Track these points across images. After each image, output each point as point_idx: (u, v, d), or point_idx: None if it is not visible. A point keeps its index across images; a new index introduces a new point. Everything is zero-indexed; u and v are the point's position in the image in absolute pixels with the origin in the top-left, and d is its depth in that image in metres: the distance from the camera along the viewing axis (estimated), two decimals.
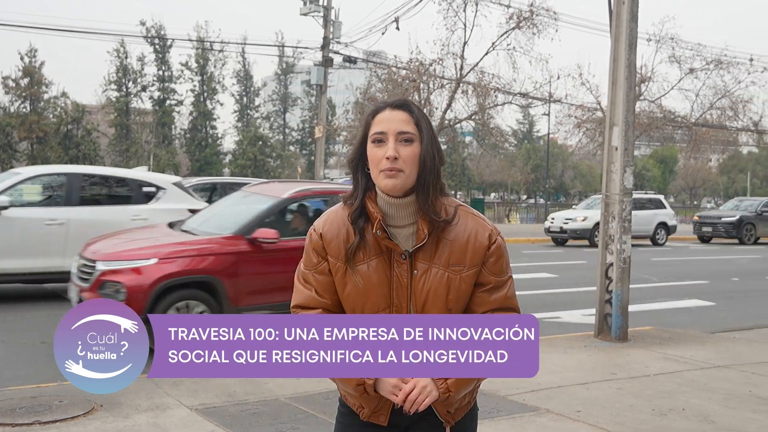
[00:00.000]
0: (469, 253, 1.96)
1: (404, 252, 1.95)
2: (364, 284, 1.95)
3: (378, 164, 1.93)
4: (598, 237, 20.69)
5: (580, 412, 5.08)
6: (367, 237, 1.97)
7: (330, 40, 24.41)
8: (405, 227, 1.98)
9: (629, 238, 7.66)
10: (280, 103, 68.91)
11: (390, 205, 1.97)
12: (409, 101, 2.01)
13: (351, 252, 1.96)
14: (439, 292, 1.93)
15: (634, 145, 8.02)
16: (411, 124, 1.94)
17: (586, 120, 29.42)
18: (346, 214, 2.00)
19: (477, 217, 2.03)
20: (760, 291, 12.93)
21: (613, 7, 7.81)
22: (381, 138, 1.93)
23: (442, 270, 1.94)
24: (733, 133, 35.40)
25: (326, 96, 24.92)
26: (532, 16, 23.65)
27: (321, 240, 2.01)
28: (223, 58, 62.12)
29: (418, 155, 1.93)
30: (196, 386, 5.49)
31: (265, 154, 59.05)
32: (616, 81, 7.70)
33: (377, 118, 1.97)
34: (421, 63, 24.11)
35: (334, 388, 5.75)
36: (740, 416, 5.08)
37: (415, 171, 1.93)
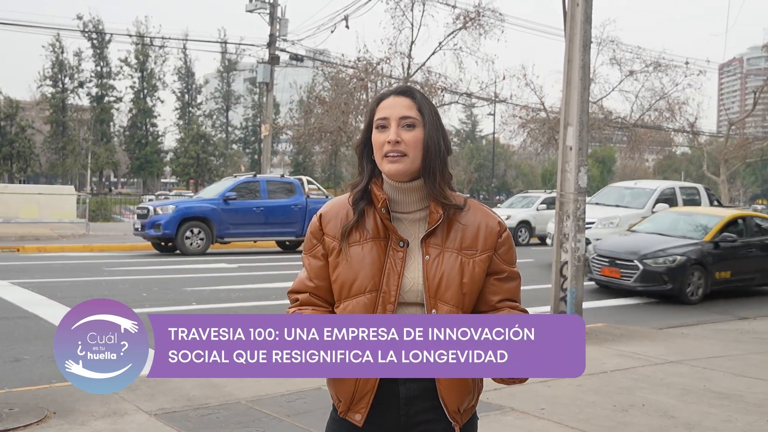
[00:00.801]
0: (481, 237, 1.95)
1: (403, 239, 1.93)
2: (354, 265, 1.92)
3: (381, 149, 1.93)
4: (521, 236, 20.86)
5: (544, 410, 5.11)
6: (366, 219, 1.96)
7: (276, 38, 24.16)
8: (411, 213, 1.97)
9: (584, 237, 7.77)
10: (223, 101, 68.10)
11: (396, 189, 1.96)
12: (412, 88, 2.02)
13: (346, 230, 1.95)
14: (453, 275, 1.90)
15: (588, 144, 8.14)
16: (414, 110, 1.95)
17: (531, 120, 29.85)
18: (348, 197, 2.01)
19: (485, 207, 2.04)
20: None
21: (568, 9, 7.90)
22: (384, 124, 1.94)
23: (455, 253, 1.92)
24: (670, 134, 36.48)
25: (273, 94, 24.64)
26: (478, 17, 23.88)
27: (319, 221, 2.01)
28: (164, 54, 61.08)
29: (421, 140, 1.93)
30: (153, 390, 5.33)
31: (208, 153, 58.24)
32: (570, 82, 7.79)
33: (381, 105, 1.97)
34: (368, 62, 24.08)
35: (296, 389, 5.67)
36: (698, 411, 5.19)
37: (419, 156, 1.93)
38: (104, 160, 57.17)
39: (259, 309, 9.35)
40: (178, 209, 16.31)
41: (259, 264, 15.01)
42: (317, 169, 70.13)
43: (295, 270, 13.80)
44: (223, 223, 16.51)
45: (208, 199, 16.92)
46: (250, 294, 10.59)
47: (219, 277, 12.55)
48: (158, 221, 16.06)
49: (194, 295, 10.32)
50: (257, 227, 17.04)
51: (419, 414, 1.93)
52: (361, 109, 25.05)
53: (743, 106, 75.64)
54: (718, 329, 9.07)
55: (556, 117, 28.91)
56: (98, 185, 60.68)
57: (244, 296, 10.36)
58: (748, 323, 9.59)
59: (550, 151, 33.20)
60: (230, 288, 11.11)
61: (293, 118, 39.68)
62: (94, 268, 13.35)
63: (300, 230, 17.41)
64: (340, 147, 31.61)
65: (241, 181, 17.44)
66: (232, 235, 16.79)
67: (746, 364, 6.87)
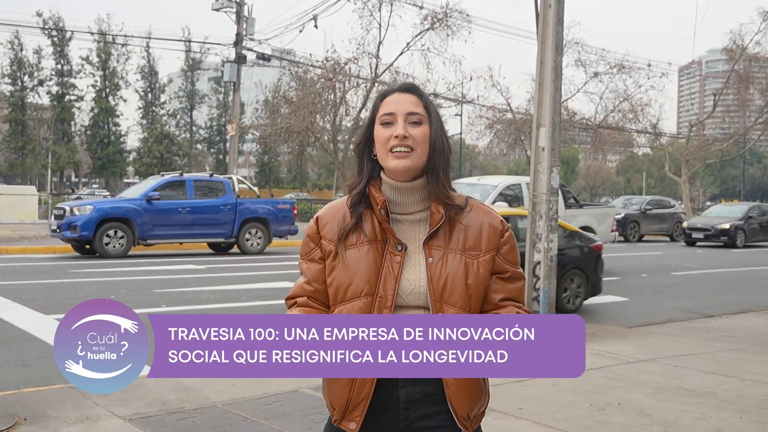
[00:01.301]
0: (484, 237, 1.92)
1: (401, 243, 1.89)
2: (350, 268, 1.88)
3: (386, 143, 1.89)
4: None
5: (522, 410, 5.12)
6: (364, 223, 1.92)
7: (243, 37, 23.96)
8: (412, 214, 1.93)
9: (556, 237, 7.83)
10: (187, 100, 67.34)
11: (396, 190, 1.92)
12: (417, 85, 1.98)
13: (344, 233, 1.91)
14: (458, 278, 1.87)
15: (560, 144, 8.20)
16: (420, 107, 1.91)
17: (497, 121, 30.06)
18: (347, 200, 1.97)
19: (486, 207, 2.01)
20: (668, 286, 13.53)
21: (540, 10, 7.95)
22: (390, 120, 1.90)
23: (459, 255, 1.89)
24: (632, 135, 37.05)
25: (240, 93, 24.43)
26: (446, 18, 23.96)
27: (316, 224, 1.97)
28: (127, 52, 60.20)
29: (429, 136, 1.90)
30: (127, 395, 5.23)
31: (172, 153, 57.57)
32: (542, 83, 7.85)
33: (386, 100, 1.93)
34: (336, 62, 24.01)
35: (273, 392, 5.61)
36: (673, 409, 5.26)
37: (426, 152, 1.90)
38: (65, 160, 56.17)
39: (231, 310, 9.25)
40: (96, 210, 15.55)
41: (228, 265, 14.87)
42: (283, 170, 69.82)
43: (264, 272, 13.69)
44: (145, 224, 15.81)
45: (130, 199, 16.21)
46: (220, 296, 10.48)
47: (188, 279, 12.39)
48: (75, 222, 15.26)
49: (163, 297, 10.17)
50: (183, 228, 16.34)
51: (421, 419, 1.88)
52: (329, 110, 24.99)
53: (702, 108, 77.14)
54: (685, 327, 9.20)
55: (523, 118, 29.17)
56: (59, 185, 59.59)
57: (214, 298, 10.24)
58: (714, 321, 9.75)
59: (516, 151, 33.48)
60: (200, 290, 10.98)
61: (259, 117, 39.41)
62: (58, 270, 13.09)
63: (230, 232, 16.87)
64: (307, 147, 31.47)
65: (166, 180, 16.73)
66: (155, 236, 16.08)
67: (716, 361, 6.98)
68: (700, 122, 38.87)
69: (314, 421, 4.77)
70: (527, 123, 28.84)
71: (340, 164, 25.57)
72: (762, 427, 4.89)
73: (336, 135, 26.29)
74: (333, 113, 24.80)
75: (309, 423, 4.75)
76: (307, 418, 4.86)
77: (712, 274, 15.93)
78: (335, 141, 26.10)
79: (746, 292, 13.12)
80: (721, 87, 36.63)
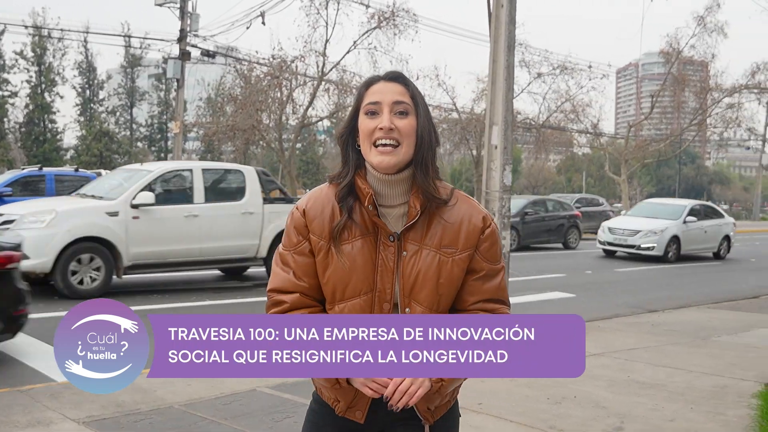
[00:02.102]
0: (463, 235, 1.88)
1: (393, 233, 1.85)
2: (346, 266, 1.84)
3: (370, 136, 1.82)
4: None
5: (482, 404, 5.17)
6: (355, 216, 1.86)
7: (187, 33, 23.56)
8: (395, 207, 1.88)
9: (509, 234, 7.93)
10: (127, 97, 65.88)
11: (381, 182, 1.87)
12: (403, 74, 1.93)
13: (337, 231, 1.84)
14: (429, 275, 1.84)
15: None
16: (407, 96, 1.85)
17: (443, 120, 30.29)
18: (333, 193, 1.89)
19: (471, 200, 1.97)
20: (613, 282, 13.86)
21: (492, 10, 8.04)
22: (375, 109, 1.83)
23: (433, 252, 1.85)
24: (573, 135, 37.81)
25: (184, 90, 24.02)
26: (392, 17, 24.02)
27: (304, 217, 1.89)
28: (63, 47, 58.54)
29: (415, 128, 1.84)
30: (78, 398, 5.08)
31: (112, 150, 56.29)
32: (495, 81, 7.94)
33: (371, 89, 1.86)
34: (283, 60, 23.83)
35: (230, 392, 5.53)
36: (627, 401, 5.39)
37: (412, 146, 1.84)
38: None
39: (181, 310, 9.08)
40: None
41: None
42: None
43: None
44: None
45: None
46: (164, 297, 10.28)
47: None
48: None
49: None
50: None
51: (409, 411, 1.90)
52: (275, 108, 24.78)
53: (638, 109, 79.12)
54: (631, 322, 9.43)
55: (468, 117, 29.46)
56: None
57: (162, 299, 10.04)
58: (658, 316, 10.02)
59: (462, 150, 33.77)
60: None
61: (202, 116, 38.79)
62: None
63: None
64: (252, 146, 31.15)
65: (22, 175, 15.19)
66: None
67: (663, 355, 7.18)
68: (638, 123, 39.93)
69: (275, 420, 4.72)
70: (472, 122, 29.18)
71: (286, 163, 25.39)
72: (712, 416, 5.05)
73: (282, 133, 26.09)
74: (279, 111, 24.60)
75: (270, 422, 4.71)
76: (267, 417, 4.81)
77: (654, 270, 16.37)
78: (281, 139, 25.90)
79: (687, 286, 13.54)
80: (659, 89, 37.67)
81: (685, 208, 19.30)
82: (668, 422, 4.92)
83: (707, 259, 19.87)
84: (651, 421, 4.93)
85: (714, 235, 19.77)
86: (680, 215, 18.84)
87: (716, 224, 19.94)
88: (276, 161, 45.43)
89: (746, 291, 13.08)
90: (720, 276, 16.00)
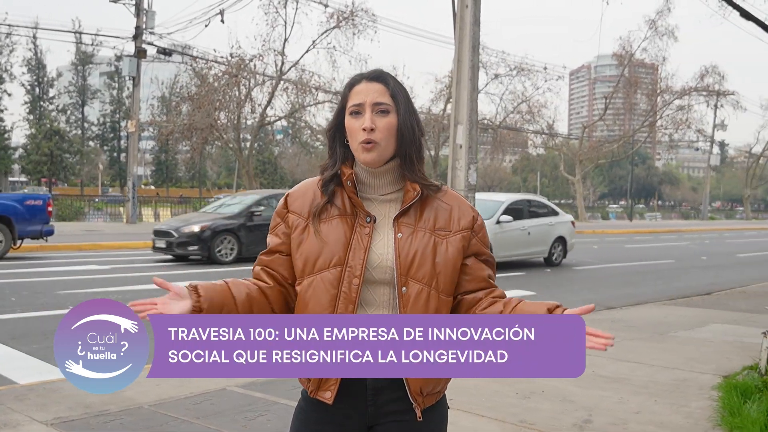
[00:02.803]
0: (455, 219, 1.98)
1: (370, 215, 1.94)
2: (320, 240, 1.92)
3: (356, 135, 1.93)
4: None
5: (452, 400, 5.17)
6: (335, 199, 1.97)
7: (143, 31, 23.20)
8: (383, 195, 1.98)
9: None
10: (78, 96, 64.60)
11: (368, 173, 1.98)
12: (385, 73, 2.01)
13: (317, 210, 1.95)
14: (426, 254, 1.92)
15: (478, 142, 8.39)
16: (387, 96, 1.95)
17: None
18: (318, 180, 2.02)
19: (460, 196, 2.09)
20: (571, 280, 14.11)
21: (457, 11, 8.12)
22: (358, 110, 1.93)
23: (428, 234, 1.95)
24: (528, 136, 38.34)
25: (140, 88, 23.65)
26: (351, 16, 24.02)
27: (285, 200, 2.02)
28: (11, 44, 57.17)
29: (395, 126, 1.94)
30: (44, 399, 5.00)
31: (63, 150, 55.06)
32: (460, 81, 8.02)
33: (354, 90, 1.96)
34: (241, 58, 23.64)
35: (199, 392, 5.49)
36: (594, 395, 5.50)
37: (393, 142, 1.94)
38: None
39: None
40: None
41: (132, 265, 14.38)
42: (181, 168, 68.02)
43: (168, 272, 13.32)
44: None
45: None
46: (129, 296, 10.12)
47: (92, 280, 11.91)
48: None
49: (69, 298, 9.74)
50: None
51: (388, 404, 1.94)
52: (233, 108, 24.57)
53: (591, 111, 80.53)
54: (592, 319, 9.59)
55: (426, 118, 29.61)
56: None
57: (122, 299, 9.88)
58: (617, 312, 10.22)
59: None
60: (106, 290, 10.57)
61: (155, 114, 38.19)
62: None
63: None
64: (208, 145, 30.83)
65: None
66: None
67: (624, 350, 7.33)
68: (592, 124, 40.65)
69: (248, 419, 4.70)
70: (430, 123, 29.34)
71: (245, 162, 25.18)
72: (676, 408, 5.18)
73: (240, 133, 25.88)
74: (238, 111, 24.40)
75: (243, 420, 4.68)
76: (239, 415, 4.78)
77: (610, 268, 16.70)
78: (239, 138, 25.69)
79: (643, 284, 13.85)
80: (612, 91, 38.43)
81: (500, 206, 15.38)
82: (634, 414, 5.04)
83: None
84: (617, 414, 5.05)
85: (542, 237, 16.32)
86: (493, 214, 14.91)
87: (544, 224, 16.41)
88: (233, 161, 44.96)
89: (699, 288, 13.44)
90: (673, 274, 16.41)
